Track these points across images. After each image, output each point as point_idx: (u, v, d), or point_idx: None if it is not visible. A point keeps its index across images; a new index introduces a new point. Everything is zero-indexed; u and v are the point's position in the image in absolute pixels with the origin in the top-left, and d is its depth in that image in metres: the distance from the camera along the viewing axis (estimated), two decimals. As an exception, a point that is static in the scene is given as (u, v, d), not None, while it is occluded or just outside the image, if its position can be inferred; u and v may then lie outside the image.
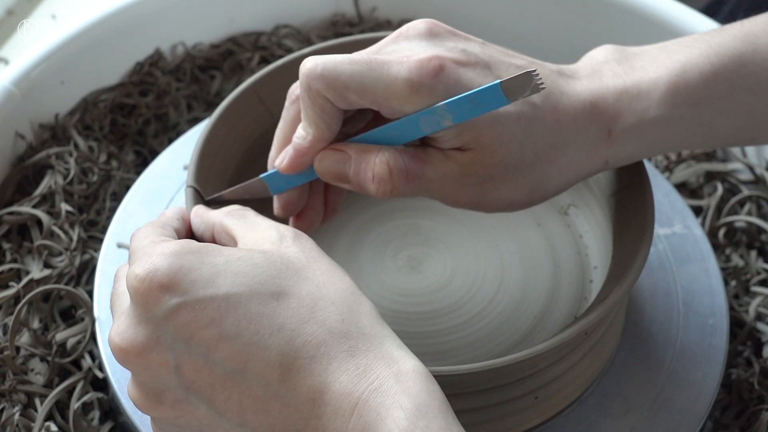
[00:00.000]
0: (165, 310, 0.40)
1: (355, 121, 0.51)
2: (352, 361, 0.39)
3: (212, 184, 0.56)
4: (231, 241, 0.46)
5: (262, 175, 0.52)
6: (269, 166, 0.53)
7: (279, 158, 0.50)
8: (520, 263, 0.61)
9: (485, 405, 0.51)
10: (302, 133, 0.49)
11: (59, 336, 0.59)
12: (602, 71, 0.50)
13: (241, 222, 0.46)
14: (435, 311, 0.58)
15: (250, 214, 0.47)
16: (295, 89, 0.51)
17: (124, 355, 0.41)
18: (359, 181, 0.48)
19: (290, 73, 0.60)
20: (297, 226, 0.53)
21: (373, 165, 0.47)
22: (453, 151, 0.47)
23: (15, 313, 0.58)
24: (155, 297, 0.40)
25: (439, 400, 0.39)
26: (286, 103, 0.51)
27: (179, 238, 0.48)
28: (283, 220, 0.53)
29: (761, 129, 0.51)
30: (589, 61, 0.52)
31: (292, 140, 0.50)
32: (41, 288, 0.60)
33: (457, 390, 0.50)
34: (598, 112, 0.49)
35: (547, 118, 0.48)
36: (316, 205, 0.54)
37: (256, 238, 0.44)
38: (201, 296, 0.40)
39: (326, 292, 0.41)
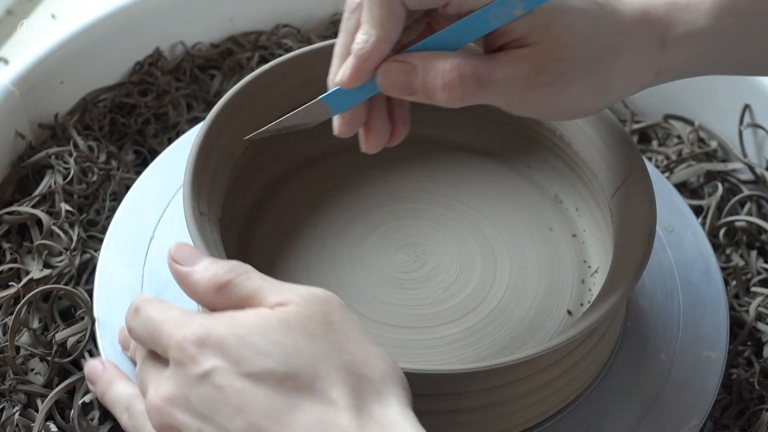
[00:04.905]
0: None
1: (407, 33, 0.50)
2: None
3: (211, 182, 0.56)
4: None
5: (322, 96, 0.50)
6: (329, 84, 0.50)
7: (340, 72, 0.48)
8: (520, 265, 0.61)
9: (485, 405, 0.51)
10: (363, 37, 0.47)
11: (59, 336, 0.59)
12: None
13: None
14: (434, 315, 0.58)
15: None
16: None
17: None
18: (427, 90, 0.47)
19: (290, 71, 0.60)
20: (368, 142, 0.52)
21: (442, 72, 0.46)
22: (522, 50, 0.47)
23: (15, 312, 0.58)
24: None
25: None
26: (345, 14, 0.49)
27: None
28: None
29: None
30: None
31: (352, 49, 0.48)
32: (41, 288, 0.60)
33: (456, 390, 0.50)
34: (652, 20, 0.50)
35: (609, 17, 0.48)
36: (382, 117, 0.52)
37: None
38: None
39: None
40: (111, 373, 0.48)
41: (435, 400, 0.51)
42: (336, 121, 0.51)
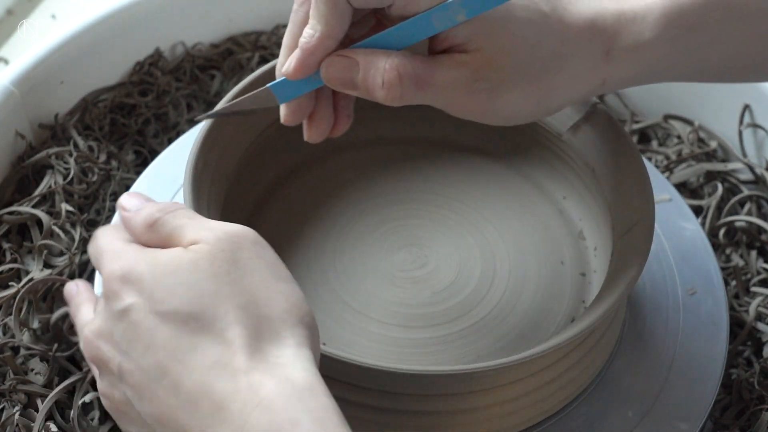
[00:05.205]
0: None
1: (357, 28, 0.50)
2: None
3: (211, 182, 0.56)
4: None
5: (269, 84, 0.51)
6: (277, 74, 0.51)
7: (287, 64, 0.49)
8: (515, 284, 0.61)
9: (485, 404, 0.51)
10: (310, 32, 0.48)
11: (53, 318, 0.59)
12: None
13: None
14: (431, 315, 0.58)
15: None
16: None
17: None
18: (367, 87, 0.48)
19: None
20: (310, 132, 0.53)
21: (382, 71, 0.47)
22: (463, 55, 0.47)
23: (14, 306, 0.58)
24: None
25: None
26: (295, 6, 0.50)
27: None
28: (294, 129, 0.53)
29: (753, 60, 0.52)
30: None
31: (299, 42, 0.49)
32: (40, 278, 0.60)
33: (456, 390, 0.50)
34: (598, 30, 0.50)
35: (554, 27, 0.48)
36: (326, 109, 0.53)
37: None
38: None
39: None
40: (83, 297, 0.49)
41: (434, 400, 0.51)
42: (283, 110, 0.52)
